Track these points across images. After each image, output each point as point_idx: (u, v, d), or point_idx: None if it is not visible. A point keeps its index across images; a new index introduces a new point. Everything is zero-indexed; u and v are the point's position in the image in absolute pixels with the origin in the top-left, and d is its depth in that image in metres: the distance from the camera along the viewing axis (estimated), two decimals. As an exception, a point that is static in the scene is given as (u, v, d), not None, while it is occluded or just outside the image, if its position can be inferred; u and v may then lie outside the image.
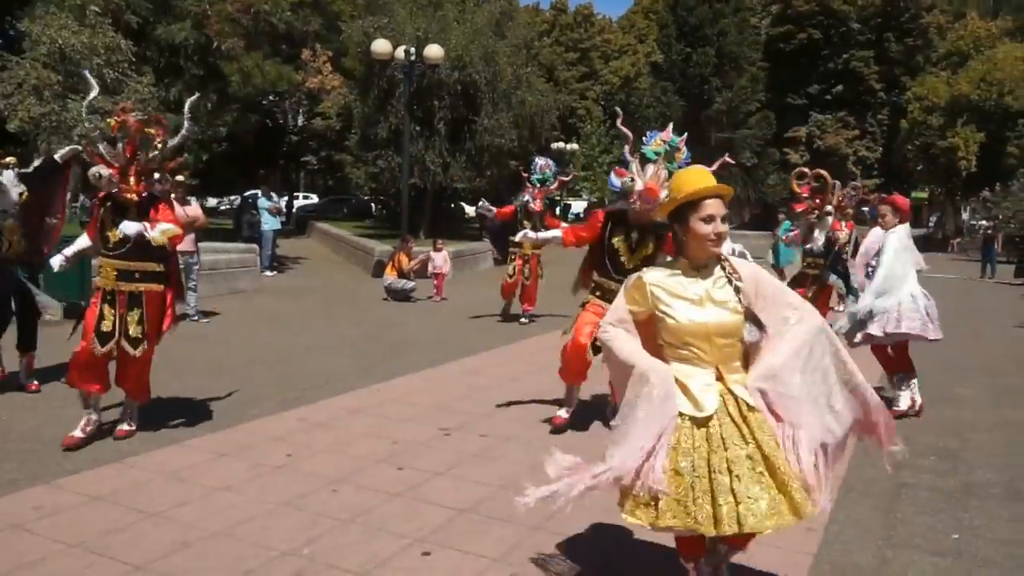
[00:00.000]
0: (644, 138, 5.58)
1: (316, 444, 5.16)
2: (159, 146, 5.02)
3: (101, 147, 4.89)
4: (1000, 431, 6.09)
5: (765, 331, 2.65)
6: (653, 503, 2.59)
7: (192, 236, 9.46)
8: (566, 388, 5.82)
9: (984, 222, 26.46)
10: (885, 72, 45.14)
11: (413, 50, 15.79)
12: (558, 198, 38.00)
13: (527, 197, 10.30)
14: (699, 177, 2.69)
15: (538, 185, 10.34)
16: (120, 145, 4.89)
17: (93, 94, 5.50)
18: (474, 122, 20.57)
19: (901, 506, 4.38)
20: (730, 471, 2.53)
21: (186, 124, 5.33)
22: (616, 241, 5.48)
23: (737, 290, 2.66)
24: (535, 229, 10.24)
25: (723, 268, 2.70)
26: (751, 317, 2.64)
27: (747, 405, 2.61)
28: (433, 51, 15.93)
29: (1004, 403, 7.08)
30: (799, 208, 8.44)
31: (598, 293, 5.58)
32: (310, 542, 3.68)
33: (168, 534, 3.71)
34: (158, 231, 4.86)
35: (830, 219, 8.00)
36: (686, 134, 5.72)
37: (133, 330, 4.94)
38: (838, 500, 4.44)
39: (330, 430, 5.49)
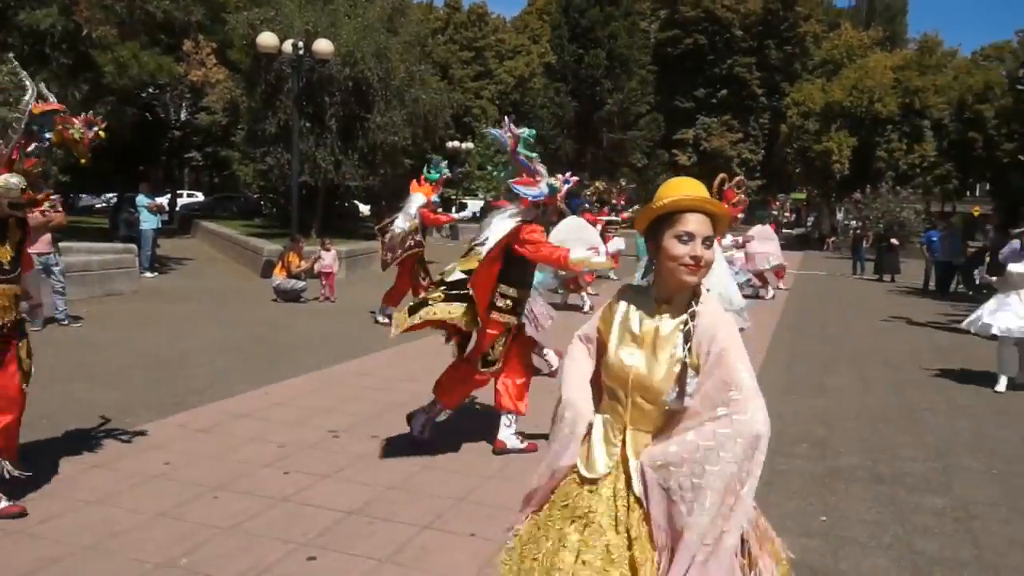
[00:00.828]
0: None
1: (197, 451, 4.98)
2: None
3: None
4: (865, 419, 6.48)
5: (684, 406, 1.98)
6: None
7: (48, 237, 8.80)
8: None
9: (855, 222, 28.05)
10: (766, 78, 47.29)
11: (301, 44, 15.42)
12: (453, 196, 38.08)
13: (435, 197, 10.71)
14: (686, 185, 2.09)
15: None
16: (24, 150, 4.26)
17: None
18: (367, 119, 20.26)
19: (774, 492, 4.60)
20: (579, 553, 2.05)
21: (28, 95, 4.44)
22: None
23: (687, 338, 2.02)
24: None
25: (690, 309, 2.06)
26: (682, 381, 1.98)
27: (634, 496, 2.04)
28: (322, 46, 15.60)
29: (869, 392, 7.53)
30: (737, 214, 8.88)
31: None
32: (188, 552, 3.55)
33: (33, 551, 3.50)
34: None
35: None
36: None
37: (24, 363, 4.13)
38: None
39: (212, 436, 5.31)
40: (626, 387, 2.07)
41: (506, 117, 6.01)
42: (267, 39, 15.54)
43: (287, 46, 15.44)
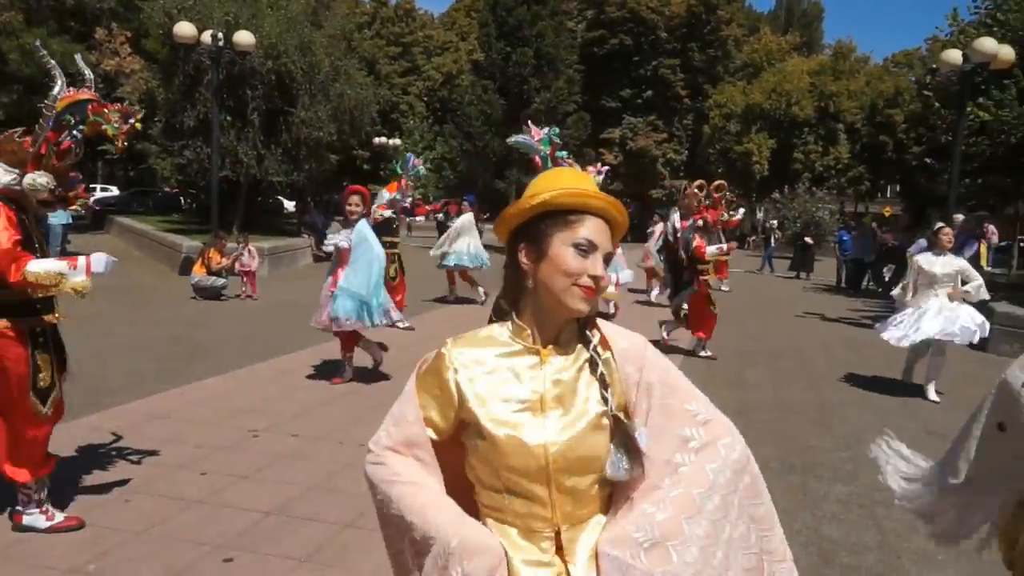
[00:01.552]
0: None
1: (109, 453, 4.81)
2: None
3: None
4: (779, 411, 6.71)
5: (640, 463, 1.43)
6: None
7: None
8: None
9: (774, 221, 28.98)
10: (690, 79, 48.28)
11: (221, 35, 15.02)
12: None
13: (397, 195, 10.39)
14: (574, 177, 1.52)
15: (412, 182, 10.60)
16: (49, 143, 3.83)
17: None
18: (290, 114, 19.85)
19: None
20: None
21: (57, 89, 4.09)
22: None
23: (605, 384, 1.48)
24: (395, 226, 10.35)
25: (589, 344, 1.51)
26: (623, 434, 1.44)
27: None
28: (243, 38, 15.22)
29: (782, 385, 7.80)
30: (712, 218, 8.95)
31: None
32: (96, 558, 3.43)
33: (-75, 561, 3.33)
34: None
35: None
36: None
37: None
38: None
39: (125, 438, 5.14)
40: (545, 474, 1.43)
41: (528, 121, 6.24)
42: (184, 29, 15.08)
43: (206, 37, 15.01)
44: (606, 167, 9.33)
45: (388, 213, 10.02)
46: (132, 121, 4.07)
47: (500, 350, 1.51)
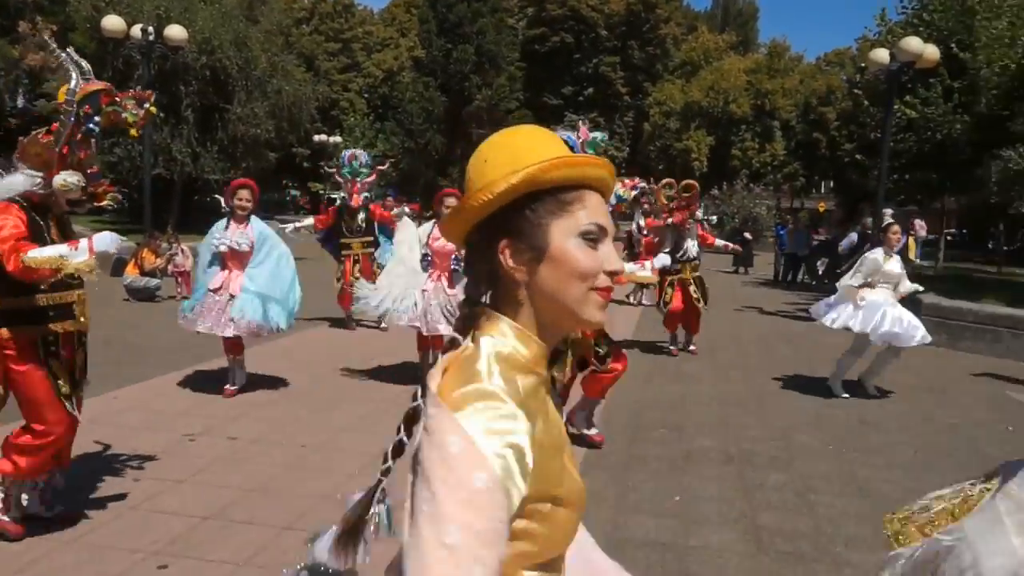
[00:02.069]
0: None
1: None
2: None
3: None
4: (717, 403, 6.84)
5: None
6: None
7: None
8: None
9: (713, 217, 29.52)
10: (630, 77, 48.88)
11: (152, 29, 14.62)
12: (322, 191, 37.18)
13: (343, 194, 9.82)
14: (550, 140, 1.14)
15: (350, 177, 9.70)
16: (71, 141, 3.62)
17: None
18: (226, 110, 19.47)
19: (632, 475, 4.78)
20: None
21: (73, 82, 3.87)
22: None
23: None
24: (357, 225, 9.75)
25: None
26: None
27: None
28: (175, 32, 14.82)
29: (722, 378, 7.96)
30: (676, 220, 8.87)
31: None
32: (22, 569, 3.31)
33: None
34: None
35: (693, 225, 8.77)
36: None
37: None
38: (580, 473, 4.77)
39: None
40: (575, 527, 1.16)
41: (580, 121, 6.07)
42: (113, 23, 14.61)
43: (136, 31, 14.58)
44: (642, 183, 7.92)
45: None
46: (147, 106, 3.93)
47: (521, 377, 1.05)
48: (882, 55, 12.04)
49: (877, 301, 7.06)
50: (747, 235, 23.87)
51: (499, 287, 1.11)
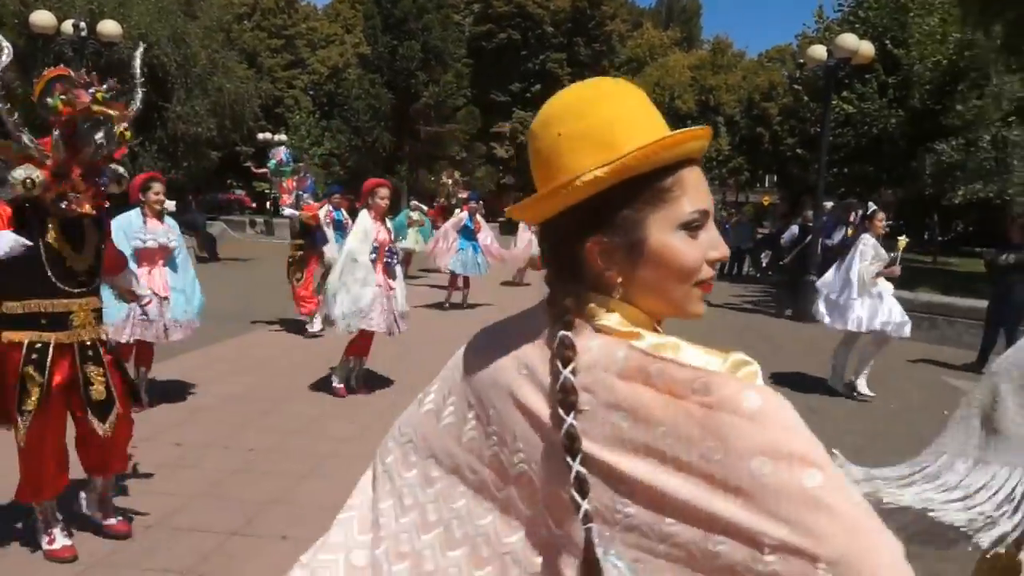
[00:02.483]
0: None
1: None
2: (121, 132, 3.44)
3: (25, 139, 3.26)
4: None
5: None
6: None
7: None
8: None
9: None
10: (577, 73, 49.05)
11: (84, 25, 14.16)
12: (268, 191, 36.56)
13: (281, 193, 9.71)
14: (638, 108, 0.95)
15: (276, 178, 9.68)
16: (57, 134, 3.28)
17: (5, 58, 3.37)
18: (165, 109, 19.01)
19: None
20: None
21: (139, 92, 3.77)
22: None
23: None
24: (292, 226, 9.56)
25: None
26: None
27: None
28: (109, 27, 14.38)
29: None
30: None
31: None
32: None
33: None
34: None
35: None
36: None
37: (98, 392, 3.47)
38: None
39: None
40: None
41: None
42: (42, 18, 14.14)
43: (67, 26, 14.13)
44: None
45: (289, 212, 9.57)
46: (93, 91, 3.33)
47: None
48: (820, 51, 12.31)
49: (883, 290, 7.05)
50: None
51: (588, 279, 0.96)
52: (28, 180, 3.17)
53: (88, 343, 3.45)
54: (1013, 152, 17.26)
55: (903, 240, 7.20)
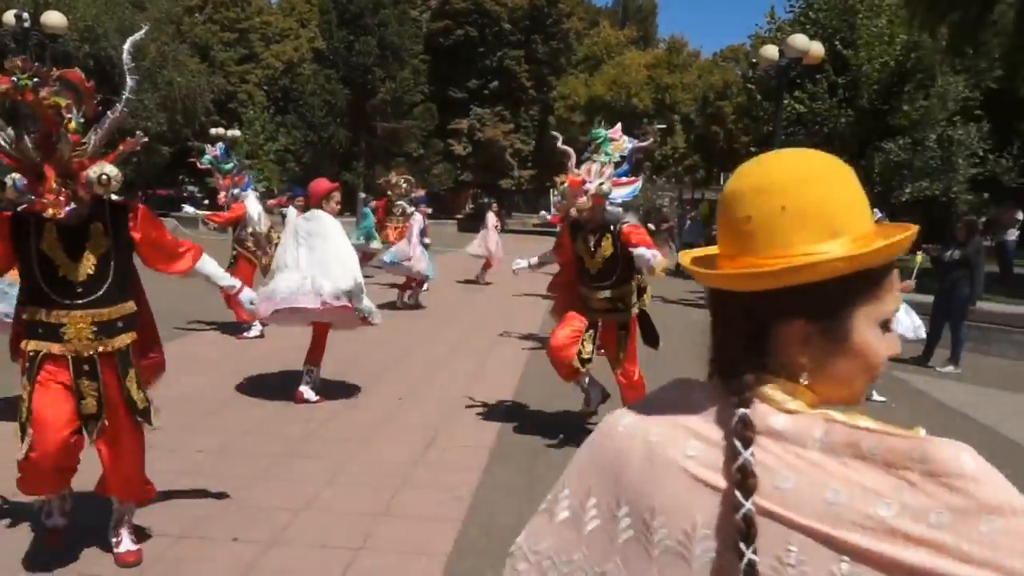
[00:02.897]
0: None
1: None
2: (79, 125, 3.21)
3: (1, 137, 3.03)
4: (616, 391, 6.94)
5: None
6: None
7: None
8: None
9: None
10: (534, 71, 49.14)
11: (27, 15, 13.77)
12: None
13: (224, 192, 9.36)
14: (857, 195, 0.94)
15: (220, 175, 9.39)
16: (27, 138, 3.06)
17: None
18: (113, 102, 18.55)
19: (539, 467, 4.81)
20: None
21: (128, 81, 3.51)
22: (579, 248, 5.29)
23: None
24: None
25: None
26: None
27: None
28: (53, 19, 13.96)
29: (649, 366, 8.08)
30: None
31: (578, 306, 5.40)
32: None
33: None
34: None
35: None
36: (618, 125, 5.82)
37: (87, 407, 3.28)
38: (485, 466, 4.76)
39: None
40: None
41: (619, 126, 5.91)
42: (-9, 12, 13.69)
43: (9, 17, 13.70)
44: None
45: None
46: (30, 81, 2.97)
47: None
48: (772, 51, 12.48)
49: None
50: (651, 226, 24.44)
51: (773, 359, 0.92)
52: (2, 182, 3.03)
53: (84, 356, 3.22)
54: (958, 151, 17.74)
55: (919, 256, 7.34)
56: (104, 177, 3.10)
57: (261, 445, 5.11)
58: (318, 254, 5.92)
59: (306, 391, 6.17)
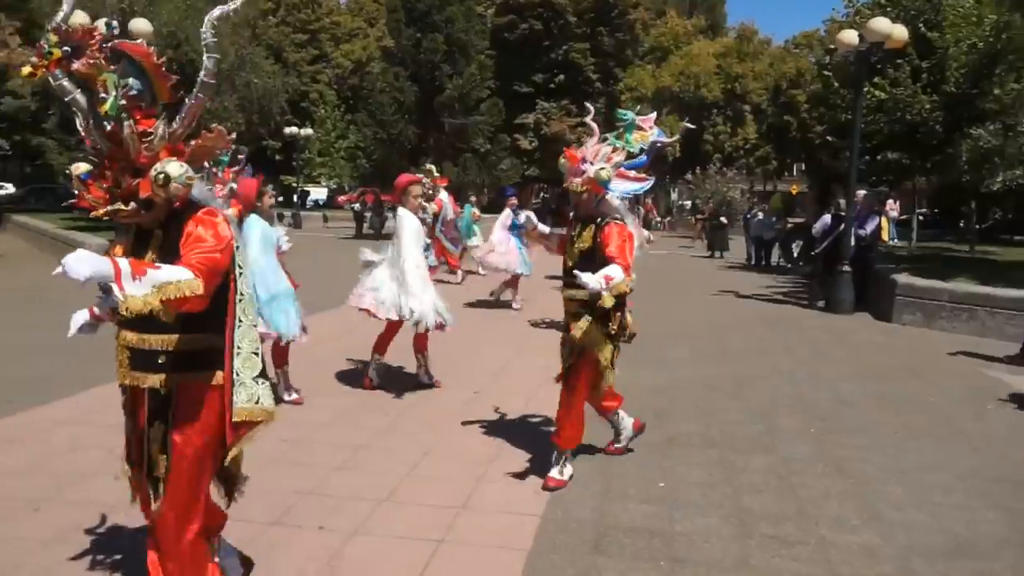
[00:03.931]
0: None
1: (8, 464, 4.55)
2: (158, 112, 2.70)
3: (80, 124, 2.58)
4: (699, 388, 6.86)
5: None
6: None
7: None
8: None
9: (689, 203, 29.66)
10: (600, 64, 48.83)
11: (116, 24, 14.34)
12: (295, 184, 36.89)
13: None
14: None
15: (213, 168, 9.21)
16: (86, 112, 2.53)
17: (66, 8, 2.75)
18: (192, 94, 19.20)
19: (616, 462, 4.79)
20: None
21: (207, 61, 2.76)
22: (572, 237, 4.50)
23: None
24: None
25: None
26: None
27: None
28: (140, 26, 14.53)
29: (702, 363, 7.99)
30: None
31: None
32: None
33: None
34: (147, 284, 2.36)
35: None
36: (652, 115, 4.98)
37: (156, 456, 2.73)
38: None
39: (27, 445, 4.87)
40: None
41: (653, 114, 4.99)
42: (77, 18, 14.23)
43: (100, 25, 14.31)
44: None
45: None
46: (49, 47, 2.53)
47: None
48: (851, 36, 12.10)
49: None
50: (722, 219, 23.98)
51: None
52: (69, 171, 2.62)
53: (142, 388, 2.70)
54: (1053, 137, 16.84)
55: None
56: (161, 176, 2.49)
57: (341, 436, 5.21)
58: (397, 265, 6.10)
59: (373, 376, 6.49)
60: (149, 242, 2.67)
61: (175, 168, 2.53)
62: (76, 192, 2.57)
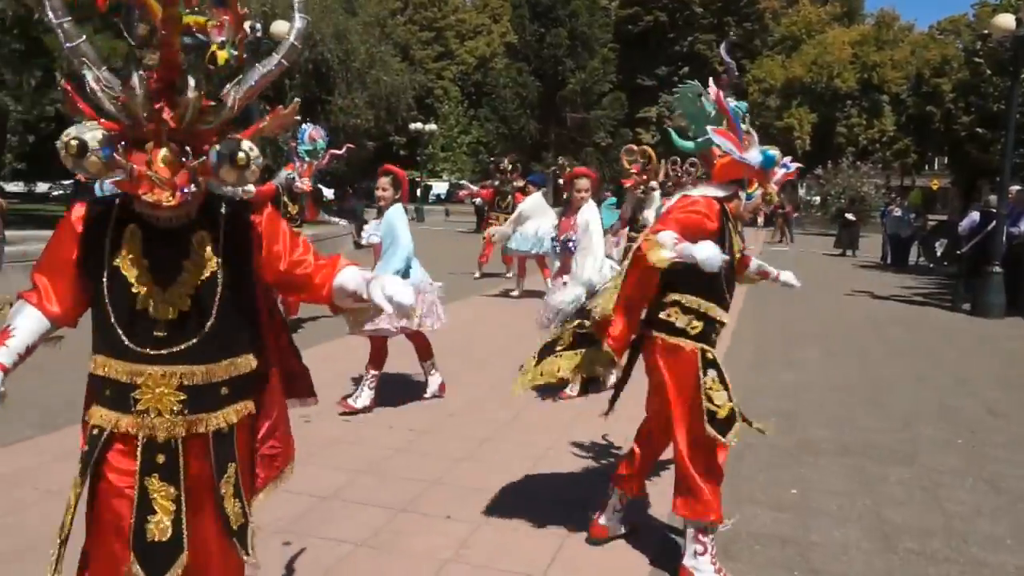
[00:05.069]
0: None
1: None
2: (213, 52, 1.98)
3: (91, 77, 1.84)
4: (831, 391, 6.57)
5: None
6: None
7: None
8: None
9: (817, 197, 28.41)
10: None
11: (259, 26, 15.13)
12: (417, 179, 37.83)
13: (292, 173, 8.62)
14: None
15: (306, 158, 8.70)
16: (137, 78, 1.81)
17: None
18: (328, 102, 20.05)
19: (745, 465, 4.64)
20: None
21: (297, 22, 2.10)
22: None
23: None
24: (302, 211, 8.73)
25: None
26: None
27: None
28: (280, 27, 15.25)
29: (834, 365, 7.64)
30: (626, 184, 8.55)
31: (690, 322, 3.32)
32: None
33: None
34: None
35: (657, 195, 8.00)
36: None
37: (158, 530, 2.03)
38: None
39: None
40: None
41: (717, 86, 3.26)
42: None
43: (245, 28, 15.11)
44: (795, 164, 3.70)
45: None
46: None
47: None
48: (1007, 20, 11.25)
49: None
50: (851, 216, 22.86)
51: None
52: (71, 143, 1.81)
53: (161, 441, 2.01)
54: None
55: None
56: (242, 156, 1.88)
57: (466, 427, 5.29)
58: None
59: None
60: (187, 249, 2.01)
61: (253, 148, 1.93)
62: (87, 171, 1.86)
